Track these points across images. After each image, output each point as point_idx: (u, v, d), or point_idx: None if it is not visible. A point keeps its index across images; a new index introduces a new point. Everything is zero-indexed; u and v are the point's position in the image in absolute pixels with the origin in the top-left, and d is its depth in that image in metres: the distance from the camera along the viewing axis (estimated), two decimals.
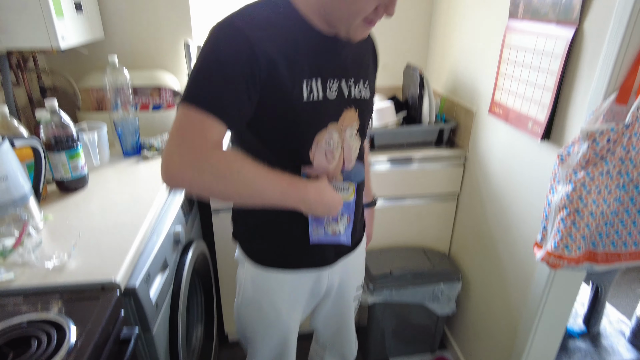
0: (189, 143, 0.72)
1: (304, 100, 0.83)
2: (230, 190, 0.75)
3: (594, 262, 1.15)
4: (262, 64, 0.77)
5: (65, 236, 1.06)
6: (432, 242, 2.02)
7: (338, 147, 0.92)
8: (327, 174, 0.93)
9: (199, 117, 0.74)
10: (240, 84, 0.76)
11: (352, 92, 0.92)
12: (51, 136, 1.23)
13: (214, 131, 0.75)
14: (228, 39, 0.77)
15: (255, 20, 0.79)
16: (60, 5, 1.42)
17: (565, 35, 1.21)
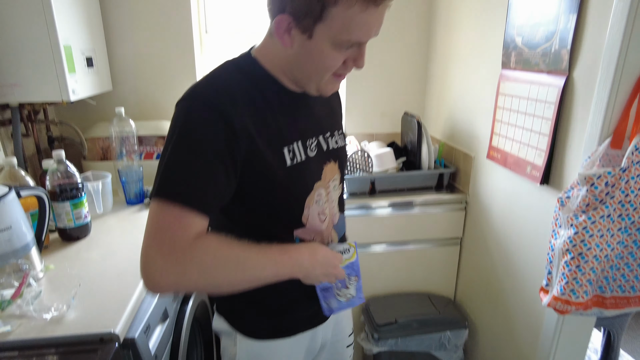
0: (169, 243, 0.66)
1: (287, 166, 0.79)
2: (220, 280, 0.70)
3: (602, 308, 1.12)
4: (241, 140, 0.71)
5: (65, 286, 1.05)
6: (436, 287, 1.99)
7: (326, 205, 0.88)
8: (322, 235, 0.89)
9: (177, 213, 0.67)
10: (219, 168, 0.70)
11: (330, 145, 0.90)
12: (56, 185, 1.24)
13: (195, 225, 0.68)
14: (201, 118, 0.69)
15: (227, 91, 0.73)
16: (72, 61, 1.49)
17: (556, 83, 1.26)
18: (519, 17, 1.42)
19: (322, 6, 0.66)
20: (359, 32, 0.70)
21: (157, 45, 1.91)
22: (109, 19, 1.84)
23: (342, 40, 0.70)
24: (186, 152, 0.69)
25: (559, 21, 1.24)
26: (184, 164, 0.69)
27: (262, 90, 0.78)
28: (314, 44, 0.71)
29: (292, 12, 0.69)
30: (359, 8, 0.66)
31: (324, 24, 0.68)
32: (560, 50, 1.24)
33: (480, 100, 1.71)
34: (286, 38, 0.72)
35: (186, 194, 0.68)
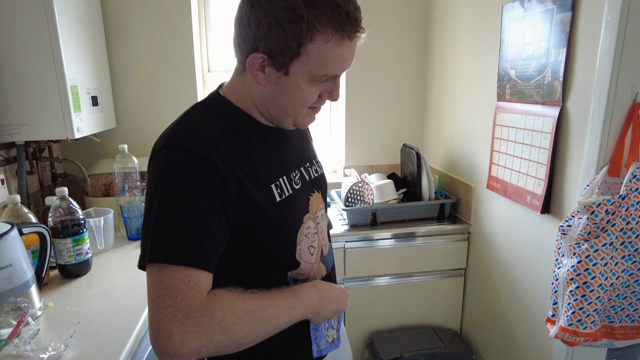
0: (183, 308, 0.61)
1: (277, 201, 0.76)
2: (242, 336, 0.66)
3: (612, 338, 1.10)
4: (229, 183, 0.68)
5: (64, 324, 1.03)
6: (442, 320, 1.94)
7: (315, 237, 0.86)
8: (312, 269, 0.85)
9: (182, 274, 0.63)
10: (213, 219, 0.66)
11: (311, 175, 0.89)
12: (58, 221, 1.25)
13: (203, 282, 0.65)
14: (184, 167, 0.66)
15: (204, 134, 0.70)
16: (78, 100, 1.53)
17: (551, 113, 1.29)
18: (511, 52, 1.46)
19: (299, 43, 0.66)
20: (335, 66, 0.70)
21: (160, 83, 1.97)
22: (114, 59, 1.90)
23: (318, 75, 0.70)
24: (176, 207, 0.65)
25: (549, 55, 1.28)
26: (177, 222, 0.64)
27: (239, 129, 0.75)
28: (290, 80, 0.70)
29: (266, 50, 0.68)
30: (334, 43, 0.66)
31: (300, 60, 0.68)
32: (553, 82, 1.27)
33: (478, 131, 1.73)
34: (260, 76, 0.71)
35: (186, 253, 0.64)
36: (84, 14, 1.64)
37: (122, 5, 1.86)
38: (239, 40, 0.71)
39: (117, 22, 1.87)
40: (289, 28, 0.64)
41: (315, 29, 0.65)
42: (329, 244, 0.92)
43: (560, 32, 1.23)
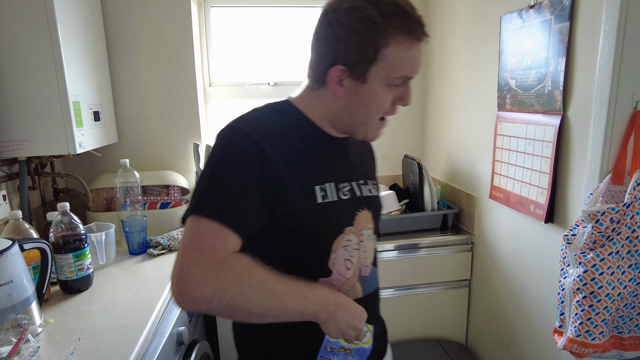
0: (209, 255, 0.66)
1: (317, 202, 0.79)
2: (252, 303, 0.68)
3: (621, 349, 1.08)
4: (273, 171, 0.74)
5: (64, 341, 1.02)
6: (447, 332, 1.92)
7: (355, 252, 0.85)
8: (344, 284, 0.84)
9: (215, 228, 0.68)
10: (253, 191, 0.73)
11: (363, 192, 0.89)
12: (59, 237, 1.24)
13: (232, 242, 0.69)
14: (239, 145, 0.74)
15: (264, 126, 0.78)
16: (80, 116, 1.54)
17: (552, 122, 1.29)
18: (510, 62, 1.47)
19: (376, 49, 0.73)
20: (408, 67, 0.76)
21: (162, 98, 1.98)
22: (116, 74, 1.92)
23: (394, 77, 0.76)
24: (224, 174, 0.73)
25: (549, 64, 1.28)
26: (222, 185, 0.72)
27: (299, 132, 0.81)
28: (367, 87, 0.76)
29: (345, 62, 0.75)
30: (407, 45, 0.73)
31: (377, 65, 0.74)
32: (553, 91, 1.27)
33: (479, 141, 1.73)
34: (339, 89, 0.77)
35: (223, 212, 0.70)
36: (87, 31, 1.66)
37: (124, 22, 1.88)
38: (318, 59, 0.79)
39: (119, 38, 1.90)
40: (366, 36, 0.72)
41: (390, 34, 0.72)
42: (371, 268, 0.90)
43: (559, 42, 1.24)
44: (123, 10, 1.87)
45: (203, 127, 2.08)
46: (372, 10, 0.71)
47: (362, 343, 0.82)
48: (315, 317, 0.75)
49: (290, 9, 2.18)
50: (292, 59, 2.22)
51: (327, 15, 0.76)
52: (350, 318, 0.78)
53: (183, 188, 1.95)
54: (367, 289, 0.88)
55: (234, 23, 2.17)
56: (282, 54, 2.22)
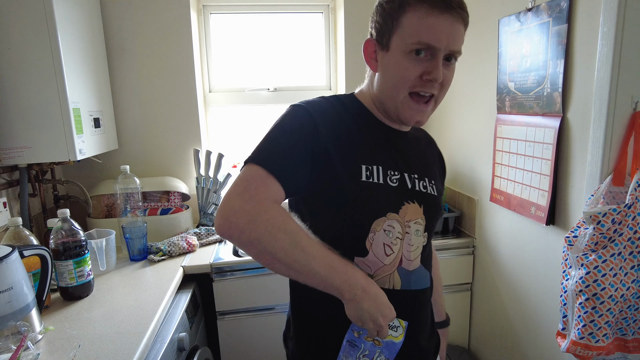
0: (252, 191, 0.73)
1: (361, 179, 0.82)
2: (278, 247, 0.71)
3: (625, 352, 1.07)
4: (323, 142, 0.81)
5: (64, 347, 1.02)
6: (449, 336, 1.90)
7: (397, 241, 0.85)
8: (382, 270, 0.84)
9: (263, 174, 0.75)
10: (302, 153, 0.80)
11: (416, 185, 0.89)
12: (60, 243, 1.24)
13: (276, 191, 0.76)
14: (297, 116, 0.83)
15: (324, 108, 0.86)
16: (80, 123, 1.54)
17: (552, 124, 1.29)
18: (509, 65, 1.48)
19: (395, 17, 0.79)
20: (426, 34, 0.77)
21: (162, 104, 1.99)
22: (116, 81, 1.93)
23: (412, 43, 0.78)
24: (280, 134, 0.81)
25: (547, 66, 1.29)
26: (276, 142, 0.80)
27: (355, 117, 0.88)
28: (390, 56, 0.81)
29: (375, 36, 0.83)
30: (424, 13, 0.77)
31: (397, 33, 0.79)
32: (553, 93, 1.27)
33: (479, 144, 1.73)
34: (373, 63, 0.86)
35: (273, 163, 0.77)
36: (87, 38, 1.67)
37: (124, 30, 1.89)
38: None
39: (120, 46, 1.91)
40: (387, 7, 0.80)
41: (407, 3, 0.78)
42: (418, 265, 0.87)
43: (557, 44, 1.24)
44: (123, 18, 1.88)
45: (203, 133, 2.09)
46: None
47: (394, 337, 0.79)
48: (339, 293, 0.74)
49: (289, 15, 2.19)
50: (291, 65, 2.23)
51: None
52: (375, 310, 0.75)
53: (183, 194, 1.95)
54: (408, 284, 0.85)
55: (234, 29, 2.18)
56: (281, 60, 2.22)
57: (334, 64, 2.24)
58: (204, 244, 1.78)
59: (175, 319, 1.29)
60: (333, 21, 2.20)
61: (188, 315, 1.40)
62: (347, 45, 2.08)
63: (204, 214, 1.99)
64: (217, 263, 1.59)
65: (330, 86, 2.26)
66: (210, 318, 1.64)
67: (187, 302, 1.42)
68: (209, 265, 1.58)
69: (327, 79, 2.26)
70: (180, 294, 1.47)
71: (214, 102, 2.18)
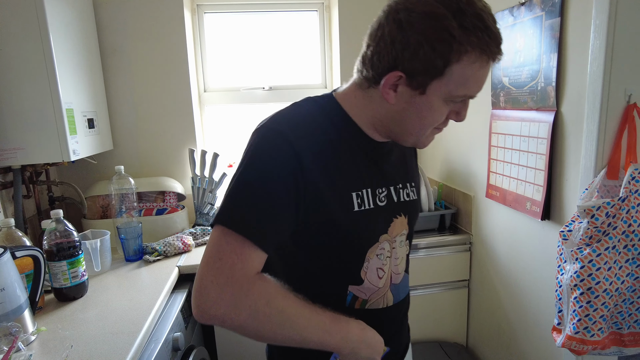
0: (227, 274, 0.64)
1: (354, 210, 0.75)
2: (266, 330, 0.67)
3: (621, 346, 1.07)
4: (308, 176, 0.69)
5: (57, 348, 1.01)
6: (447, 334, 1.90)
7: (387, 261, 0.82)
8: (377, 293, 0.82)
9: (239, 243, 0.65)
10: (285, 202, 0.69)
11: (401, 197, 0.85)
12: (53, 244, 1.24)
13: (254, 259, 0.66)
14: (273, 146, 0.69)
15: (304, 126, 0.72)
16: (74, 123, 1.54)
17: (546, 119, 1.28)
18: (503, 60, 1.47)
19: (445, 63, 0.65)
20: (474, 86, 0.70)
21: (156, 104, 1.98)
22: (110, 81, 1.92)
23: (457, 95, 0.70)
24: (254, 178, 0.69)
25: (541, 61, 1.28)
26: (251, 192, 0.68)
27: (341, 133, 0.76)
28: (424, 100, 0.70)
29: (406, 70, 0.67)
30: (479, 64, 0.67)
31: (441, 80, 0.67)
32: (546, 88, 1.27)
33: (474, 140, 1.73)
34: (391, 94, 0.71)
35: (249, 225, 0.66)
36: (80, 38, 1.66)
37: (117, 30, 1.89)
38: (374, 57, 0.70)
39: (113, 46, 1.90)
40: (439, 48, 0.64)
41: (465, 50, 0.65)
42: (403, 275, 0.87)
43: (551, 38, 1.23)
44: (116, 18, 1.88)
45: (198, 133, 2.08)
46: (453, 20, 0.63)
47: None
48: (337, 350, 0.73)
49: (284, 13, 2.19)
50: (286, 63, 2.23)
51: (398, 13, 0.66)
52: (371, 353, 0.76)
53: (179, 194, 1.94)
54: (397, 296, 0.85)
55: (228, 28, 2.17)
56: (276, 59, 2.22)
57: (329, 62, 2.23)
58: (199, 244, 1.78)
59: (170, 319, 1.29)
60: (328, 19, 2.20)
61: (183, 315, 1.40)
62: (342, 43, 2.07)
63: (199, 214, 1.98)
64: None
65: (326, 84, 2.25)
66: None
67: (183, 302, 1.42)
68: None
69: (323, 77, 2.26)
70: (176, 294, 1.47)
71: (209, 102, 2.17)
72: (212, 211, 2.00)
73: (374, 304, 0.81)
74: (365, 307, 0.81)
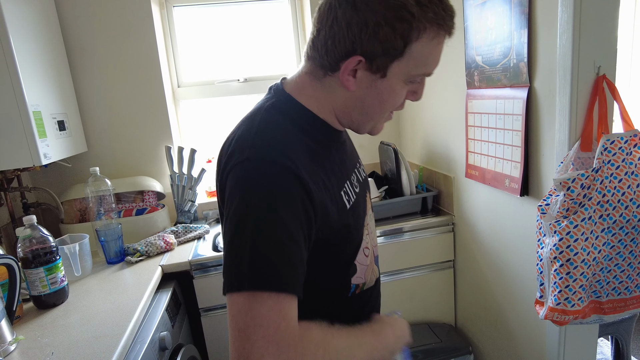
0: (276, 340, 0.56)
1: (347, 208, 0.73)
2: None
3: (601, 314, 1.09)
4: (315, 202, 0.65)
5: (37, 356, 0.99)
6: (435, 314, 1.93)
7: (367, 237, 0.82)
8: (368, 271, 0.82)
9: (275, 302, 0.58)
10: (302, 239, 0.63)
11: (361, 176, 0.86)
12: (28, 251, 1.20)
13: (293, 311, 0.60)
14: (280, 183, 0.62)
15: (292, 147, 0.66)
16: (43, 126, 1.49)
17: (520, 95, 1.29)
18: (475, 39, 1.47)
19: (405, 43, 0.63)
20: (432, 63, 0.69)
21: (129, 103, 1.93)
22: (79, 82, 1.87)
23: (417, 74, 0.68)
24: (272, 229, 0.60)
25: (512, 37, 1.28)
26: (275, 245, 0.59)
27: (316, 138, 0.72)
28: (385, 83, 0.68)
29: (365, 53, 0.64)
30: (437, 40, 0.66)
31: (401, 60, 0.65)
32: (519, 64, 1.27)
33: (451, 121, 1.73)
34: (350, 80, 0.68)
35: (280, 278, 0.59)
36: (43, 38, 1.61)
37: (82, 29, 1.83)
38: (329, 42, 0.66)
39: (79, 45, 1.84)
40: (399, 27, 0.62)
41: (424, 27, 0.63)
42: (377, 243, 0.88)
43: (520, 14, 1.24)
44: (80, 16, 1.82)
45: (174, 129, 2.04)
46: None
47: None
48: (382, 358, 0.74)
49: (255, 4, 2.15)
50: (260, 54, 2.19)
51: None
52: (402, 341, 0.79)
53: (158, 193, 1.91)
54: (379, 266, 0.87)
55: (199, 22, 2.12)
56: (250, 50, 2.18)
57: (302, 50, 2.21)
58: (182, 242, 1.75)
59: (155, 319, 1.27)
60: (300, 7, 2.17)
61: (169, 314, 1.38)
62: None
63: (180, 211, 1.95)
64: (196, 260, 1.57)
65: None
66: (194, 315, 1.61)
67: (168, 301, 1.40)
68: (187, 262, 1.56)
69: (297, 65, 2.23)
70: (161, 294, 1.45)
71: (184, 97, 2.13)
72: (193, 208, 1.97)
73: (369, 282, 0.82)
74: (364, 288, 0.80)
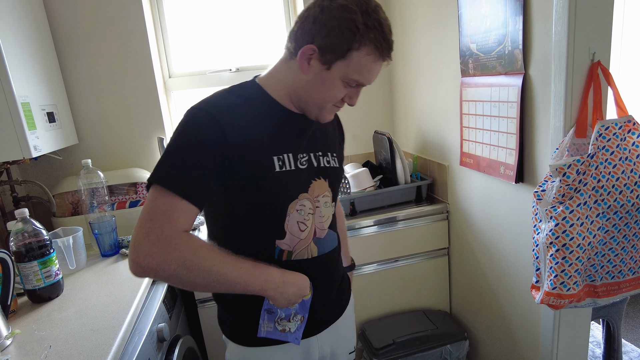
0: (157, 231, 0.75)
1: (275, 171, 0.87)
2: (195, 277, 0.77)
3: (595, 297, 1.11)
4: (232, 144, 0.82)
5: (35, 350, 0.98)
6: (431, 302, 1.95)
7: (309, 217, 0.94)
8: (300, 244, 0.94)
9: (168, 200, 0.77)
10: (210, 164, 0.80)
11: (321, 162, 0.97)
12: (21, 245, 1.18)
13: (183, 216, 0.77)
14: (199, 122, 0.82)
15: (227, 105, 0.85)
16: (32, 118, 1.46)
17: (515, 83, 1.29)
18: (470, 26, 1.47)
19: (348, 48, 0.82)
20: (365, 75, 0.86)
21: (120, 94, 1.90)
22: (68, 73, 1.83)
23: (351, 78, 0.85)
24: (184, 145, 0.81)
25: (507, 24, 1.28)
26: (181, 156, 0.80)
27: (258, 108, 0.89)
28: (328, 75, 0.85)
29: (320, 46, 0.83)
30: (372, 58, 0.84)
31: (343, 61, 0.83)
32: (514, 51, 1.27)
33: (445, 110, 1.74)
34: (305, 65, 0.86)
35: (178, 182, 0.78)
36: (30, 29, 1.57)
37: (69, 18, 1.78)
38: (299, 32, 0.86)
39: (67, 36, 1.80)
40: (346, 34, 0.81)
41: (364, 41, 0.82)
42: (327, 231, 0.99)
43: (515, 1, 1.23)
44: (68, 7, 1.77)
45: (166, 120, 2.02)
46: (360, 17, 0.80)
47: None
48: (262, 292, 0.84)
49: None
50: (252, 43, 2.17)
51: (323, 1, 0.83)
52: (297, 290, 0.89)
53: None
54: (322, 249, 0.97)
55: (190, 11, 2.08)
56: (241, 39, 2.15)
57: None
58: None
59: (153, 311, 1.26)
60: None
61: (166, 305, 1.38)
62: None
63: None
64: None
65: None
66: (191, 307, 1.61)
67: (165, 293, 1.39)
68: None
69: None
70: (157, 285, 1.44)
71: (175, 87, 2.10)
72: None
73: (299, 254, 0.93)
74: (292, 258, 0.93)
